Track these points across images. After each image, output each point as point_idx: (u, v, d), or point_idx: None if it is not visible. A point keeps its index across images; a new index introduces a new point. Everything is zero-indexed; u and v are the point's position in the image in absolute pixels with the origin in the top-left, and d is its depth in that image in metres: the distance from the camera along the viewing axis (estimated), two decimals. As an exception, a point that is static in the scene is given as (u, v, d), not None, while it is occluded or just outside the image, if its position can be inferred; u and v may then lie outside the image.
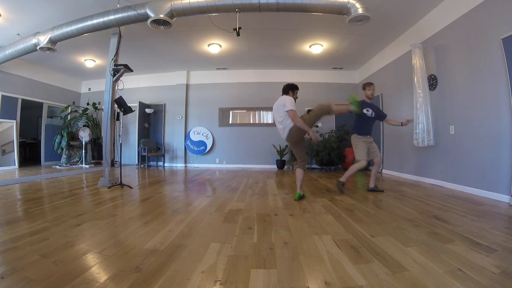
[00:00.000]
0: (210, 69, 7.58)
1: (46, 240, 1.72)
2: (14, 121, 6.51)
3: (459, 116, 3.65)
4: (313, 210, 2.57)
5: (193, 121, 7.77)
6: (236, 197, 3.25)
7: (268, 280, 1.24)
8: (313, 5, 3.40)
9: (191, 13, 3.59)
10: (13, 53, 4.75)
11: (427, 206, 2.69)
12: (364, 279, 1.24)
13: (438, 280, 1.22)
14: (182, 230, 1.97)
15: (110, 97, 4.04)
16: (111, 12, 3.79)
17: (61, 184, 4.14)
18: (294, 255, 1.51)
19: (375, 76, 6.25)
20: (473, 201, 2.92)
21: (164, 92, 7.89)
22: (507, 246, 1.61)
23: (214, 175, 5.62)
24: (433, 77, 4.15)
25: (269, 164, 7.39)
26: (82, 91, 8.60)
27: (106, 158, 4.03)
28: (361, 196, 3.21)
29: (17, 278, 1.21)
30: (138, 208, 2.68)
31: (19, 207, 2.63)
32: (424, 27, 4.38)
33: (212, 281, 1.23)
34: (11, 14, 4.25)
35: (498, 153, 3.03)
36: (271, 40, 5.51)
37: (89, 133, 7.24)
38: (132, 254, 1.53)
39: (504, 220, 2.22)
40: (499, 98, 3.01)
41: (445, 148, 3.93)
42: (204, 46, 5.77)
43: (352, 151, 6.74)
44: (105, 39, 4.43)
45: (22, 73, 6.67)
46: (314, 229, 1.98)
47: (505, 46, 2.87)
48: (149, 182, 4.60)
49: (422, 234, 1.84)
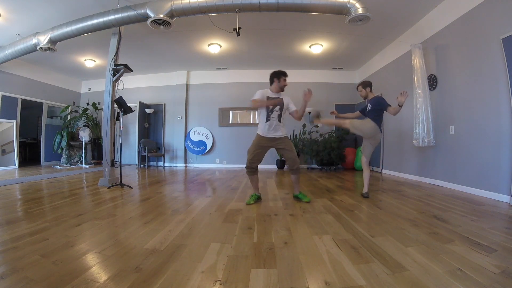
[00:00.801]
0: (210, 69, 7.58)
1: (46, 240, 1.72)
2: (14, 121, 6.51)
3: (459, 116, 3.65)
4: (313, 210, 2.57)
5: (193, 121, 7.77)
6: (236, 197, 3.25)
7: (268, 280, 1.24)
8: (313, 5, 3.40)
9: (191, 13, 3.59)
10: (13, 53, 4.75)
11: (427, 206, 2.69)
12: (364, 279, 1.24)
13: (438, 280, 1.22)
14: (182, 230, 1.97)
15: (110, 97, 4.04)
16: (111, 12, 3.79)
17: (61, 184, 4.14)
18: (294, 255, 1.51)
19: (375, 76, 6.25)
20: (473, 201, 2.92)
21: (164, 92, 7.89)
22: (507, 246, 1.60)
23: (214, 175, 5.62)
24: (433, 77, 4.15)
25: (269, 164, 7.38)
26: (82, 91, 8.60)
27: (106, 158, 4.03)
28: (361, 196, 3.21)
29: (17, 278, 1.21)
30: (138, 208, 2.68)
31: (19, 207, 2.63)
32: (424, 27, 4.38)
33: (212, 281, 1.23)
34: (11, 14, 4.25)
35: (498, 153, 3.03)
36: (271, 40, 5.51)
37: (89, 133, 7.24)
38: (132, 254, 1.52)
39: (504, 220, 2.22)
40: (499, 98, 3.01)
41: (445, 148, 3.93)
42: (204, 46, 5.77)
43: (352, 151, 6.85)
44: (105, 39, 4.43)
45: (22, 73, 6.67)
46: (314, 229, 1.98)
47: (505, 46, 2.87)
48: (149, 182, 4.60)
49: (422, 234, 1.84)
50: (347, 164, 6.67)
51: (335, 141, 6.41)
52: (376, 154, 5.99)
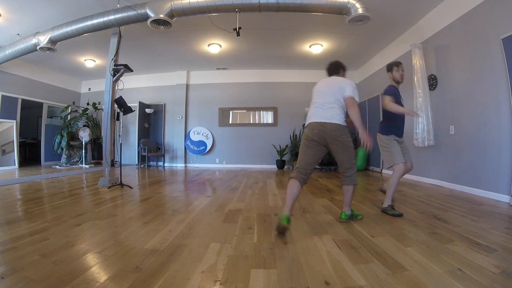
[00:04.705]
0: (210, 69, 7.58)
1: (46, 240, 1.71)
2: (14, 121, 6.50)
3: (459, 116, 3.64)
4: (313, 210, 2.57)
5: (193, 121, 7.77)
6: (236, 197, 3.25)
7: (268, 280, 1.24)
8: (313, 5, 3.40)
9: (191, 13, 3.59)
10: (13, 53, 4.75)
11: (427, 206, 2.69)
12: (364, 279, 1.24)
13: (438, 280, 1.22)
14: (182, 230, 1.97)
15: (110, 97, 4.04)
16: (111, 12, 3.79)
17: (61, 184, 4.14)
18: (294, 255, 1.51)
19: (375, 76, 6.25)
20: (473, 201, 2.92)
21: (164, 92, 7.89)
22: (507, 246, 1.60)
23: (214, 175, 5.62)
24: (433, 77, 4.15)
25: (269, 164, 7.39)
26: (82, 91, 8.60)
27: (106, 158, 4.03)
28: (361, 196, 3.21)
29: (17, 278, 1.21)
30: (138, 208, 2.68)
31: (19, 207, 2.63)
32: (424, 27, 4.38)
33: (212, 281, 1.23)
34: (11, 14, 4.25)
35: (498, 153, 3.03)
36: (271, 40, 5.51)
37: (89, 133, 7.24)
38: (132, 254, 1.52)
39: (504, 220, 2.22)
40: (499, 98, 3.01)
41: (445, 148, 3.93)
42: (204, 46, 5.77)
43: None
44: (105, 39, 4.43)
45: (22, 73, 6.67)
46: (314, 229, 1.98)
47: (505, 46, 2.87)
48: (149, 182, 4.60)
49: (422, 234, 1.84)
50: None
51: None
52: (376, 154, 5.99)
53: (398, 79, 2.56)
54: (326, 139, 2.01)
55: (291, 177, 2.01)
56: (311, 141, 2.04)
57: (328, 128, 1.99)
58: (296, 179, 1.98)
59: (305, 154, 2.05)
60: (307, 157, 2.03)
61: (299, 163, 2.05)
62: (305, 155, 2.04)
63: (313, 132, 2.03)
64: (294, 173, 2.02)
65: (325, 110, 2.05)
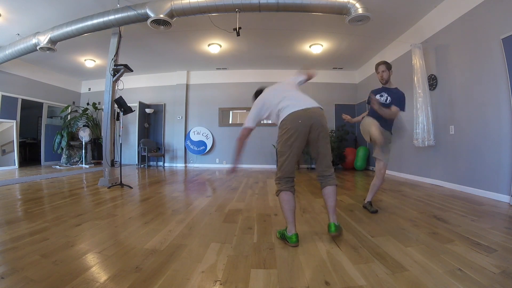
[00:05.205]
0: (210, 69, 7.58)
1: (46, 240, 1.72)
2: (14, 121, 6.50)
3: (459, 116, 3.64)
4: (313, 210, 2.57)
5: (193, 121, 7.77)
6: (236, 197, 3.25)
7: (268, 280, 1.24)
8: (313, 5, 3.40)
9: (191, 13, 3.59)
10: (13, 53, 4.75)
11: (427, 206, 2.68)
12: (364, 279, 1.24)
13: (438, 280, 1.22)
14: (182, 230, 1.97)
15: (110, 97, 4.04)
16: (111, 12, 3.79)
17: (61, 184, 4.13)
18: (294, 255, 1.51)
19: (375, 76, 6.24)
20: (473, 201, 2.92)
21: (164, 92, 7.89)
22: (507, 246, 1.60)
23: (214, 175, 5.62)
24: (433, 77, 4.15)
25: (269, 164, 7.39)
26: (82, 91, 8.60)
27: (106, 158, 4.03)
28: (361, 196, 3.20)
29: (17, 278, 1.21)
30: (138, 208, 2.68)
31: (19, 207, 2.63)
32: (424, 27, 4.38)
33: (212, 281, 1.23)
34: (11, 14, 4.25)
35: (498, 153, 3.03)
36: (271, 40, 5.51)
37: (89, 133, 7.23)
38: (132, 254, 1.52)
39: (504, 220, 2.21)
40: (499, 98, 3.01)
41: (445, 148, 3.93)
42: (204, 46, 5.77)
43: (352, 151, 6.84)
44: (105, 39, 4.43)
45: (22, 73, 6.67)
46: (314, 229, 1.98)
47: (505, 46, 2.87)
48: (149, 182, 4.60)
49: (422, 234, 1.84)
50: (347, 164, 6.66)
51: (335, 141, 6.40)
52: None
53: (380, 81, 2.59)
54: (318, 129, 1.71)
55: (281, 189, 1.72)
56: (303, 134, 1.69)
57: (321, 115, 1.74)
58: (289, 190, 1.71)
59: (291, 155, 1.70)
60: (293, 159, 1.71)
61: (284, 171, 1.72)
62: (291, 156, 1.70)
63: (310, 122, 1.68)
64: (282, 185, 1.72)
65: (306, 96, 1.82)
